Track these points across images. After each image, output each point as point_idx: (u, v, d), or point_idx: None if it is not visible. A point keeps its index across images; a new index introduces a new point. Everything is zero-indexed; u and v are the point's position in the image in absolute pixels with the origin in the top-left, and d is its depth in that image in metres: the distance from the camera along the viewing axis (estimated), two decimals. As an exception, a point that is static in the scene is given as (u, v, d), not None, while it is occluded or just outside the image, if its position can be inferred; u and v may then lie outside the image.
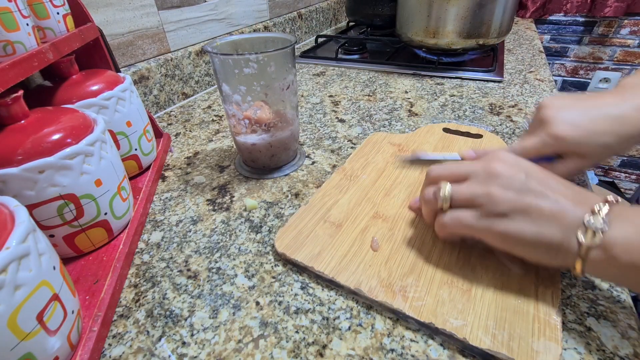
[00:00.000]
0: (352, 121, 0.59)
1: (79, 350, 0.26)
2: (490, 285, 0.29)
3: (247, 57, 0.37)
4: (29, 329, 0.21)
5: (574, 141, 0.32)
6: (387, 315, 0.28)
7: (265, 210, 0.40)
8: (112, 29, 0.56)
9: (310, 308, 0.29)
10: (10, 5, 0.30)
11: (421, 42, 0.76)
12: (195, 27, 0.72)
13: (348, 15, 1.09)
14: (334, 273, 0.30)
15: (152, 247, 0.37)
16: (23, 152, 0.28)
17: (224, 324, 0.29)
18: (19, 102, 0.30)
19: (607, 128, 0.31)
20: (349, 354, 0.26)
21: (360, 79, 0.77)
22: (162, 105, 0.67)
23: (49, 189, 0.29)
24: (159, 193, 0.45)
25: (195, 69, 0.72)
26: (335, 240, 0.34)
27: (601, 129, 0.31)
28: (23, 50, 0.31)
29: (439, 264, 0.31)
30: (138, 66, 0.61)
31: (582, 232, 0.23)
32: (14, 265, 0.20)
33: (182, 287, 0.32)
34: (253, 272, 0.33)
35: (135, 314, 0.30)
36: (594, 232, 0.23)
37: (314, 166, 0.48)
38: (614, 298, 0.29)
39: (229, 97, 0.41)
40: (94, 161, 0.32)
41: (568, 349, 0.25)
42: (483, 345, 0.24)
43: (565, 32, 1.36)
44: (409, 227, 0.35)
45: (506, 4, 0.69)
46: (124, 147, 0.42)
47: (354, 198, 0.39)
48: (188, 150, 0.54)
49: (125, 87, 0.42)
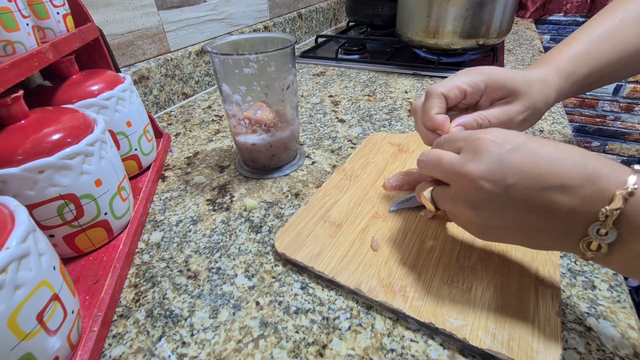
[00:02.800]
0: (352, 121, 0.59)
1: (79, 350, 0.26)
2: (490, 285, 0.29)
3: (247, 57, 0.37)
4: (29, 329, 0.21)
5: (503, 75, 0.32)
6: (387, 315, 0.28)
7: (265, 210, 0.40)
8: (112, 29, 0.56)
9: (310, 308, 0.29)
10: (10, 5, 0.30)
11: (421, 42, 0.76)
12: (195, 27, 0.72)
13: (348, 15, 1.09)
14: (334, 273, 0.30)
15: (152, 247, 0.37)
16: (23, 152, 0.28)
17: (224, 324, 0.29)
18: (19, 102, 0.30)
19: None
20: (349, 354, 0.26)
21: (360, 79, 0.77)
22: (162, 105, 0.67)
23: (49, 189, 0.29)
24: (159, 193, 0.45)
25: (195, 69, 0.72)
26: (335, 240, 0.34)
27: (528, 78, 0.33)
28: (23, 50, 0.31)
29: (439, 264, 0.31)
30: (138, 66, 0.61)
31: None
32: (14, 265, 0.20)
33: (182, 287, 0.32)
34: (253, 272, 0.33)
35: (135, 314, 0.30)
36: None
37: (314, 166, 0.48)
38: (614, 298, 0.29)
39: (229, 97, 0.41)
40: (94, 161, 0.32)
41: (568, 349, 0.25)
42: (483, 345, 0.24)
43: (565, 32, 1.36)
44: (409, 227, 0.35)
45: (506, 4, 0.69)
46: (124, 147, 0.42)
47: (354, 198, 0.39)
48: (188, 150, 0.54)
49: (125, 87, 0.42)
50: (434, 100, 0.32)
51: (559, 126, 0.54)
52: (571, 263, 0.32)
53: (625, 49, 0.34)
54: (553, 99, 0.34)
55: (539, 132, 0.53)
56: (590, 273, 0.31)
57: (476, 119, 0.31)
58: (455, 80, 0.32)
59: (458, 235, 0.34)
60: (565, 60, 0.35)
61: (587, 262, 0.32)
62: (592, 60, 0.34)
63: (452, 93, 0.31)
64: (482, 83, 0.32)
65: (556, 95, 0.34)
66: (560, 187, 0.21)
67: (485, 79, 0.32)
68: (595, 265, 0.31)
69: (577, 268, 0.31)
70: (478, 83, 0.32)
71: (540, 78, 0.33)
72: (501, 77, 0.32)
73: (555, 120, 0.55)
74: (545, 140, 0.24)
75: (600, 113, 1.41)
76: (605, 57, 0.34)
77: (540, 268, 0.30)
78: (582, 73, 0.34)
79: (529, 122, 0.33)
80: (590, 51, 0.35)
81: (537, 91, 0.32)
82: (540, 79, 0.33)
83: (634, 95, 1.32)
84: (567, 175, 0.21)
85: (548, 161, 0.22)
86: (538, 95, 0.32)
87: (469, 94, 0.32)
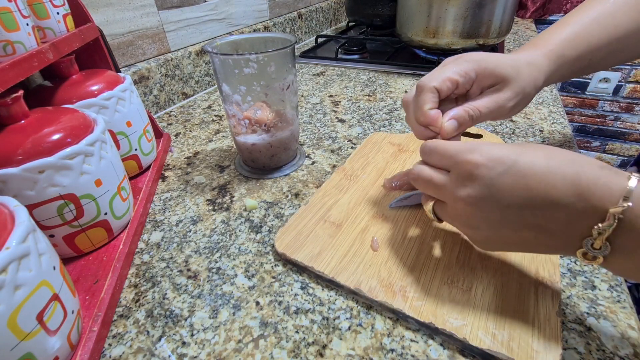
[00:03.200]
0: (352, 121, 0.59)
1: (79, 350, 0.26)
2: (490, 285, 0.29)
3: (247, 57, 0.37)
4: (29, 329, 0.21)
5: (493, 61, 0.31)
6: (387, 315, 0.28)
7: (265, 210, 0.40)
8: (112, 29, 0.56)
9: (310, 308, 0.29)
10: (10, 5, 0.30)
11: (421, 42, 0.76)
12: (195, 27, 0.72)
13: (348, 15, 1.09)
14: (334, 273, 0.30)
15: (152, 247, 0.37)
16: (23, 152, 0.28)
17: (224, 324, 0.29)
18: (19, 102, 0.30)
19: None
20: (349, 354, 0.26)
21: (360, 79, 0.77)
22: (162, 105, 0.67)
23: (49, 189, 0.29)
24: (159, 193, 0.45)
25: (195, 69, 0.72)
26: (335, 240, 0.34)
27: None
28: (23, 50, 0.31)
29: (439, 264, 0.31)
30: (138, 66, 0.61)
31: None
32: (14, 265, 0.20)
33: (182, 287, 0.32)
34: (253, 272, 0.33)
35: (135, 314, 0.30)
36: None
37: (314, 166, 0.48)
38: (614, 298, 0.29)
39: (229, 97, 0.41)
40: (94, 161, 0.32)
41: (568, 349, 0.25)
42: (483, 345, 0.24)
43: (565, 32, 1.36)
44: (409, 227, 0.35)
45: (506, 4, 0.69)
46: (124, 147, 0.42)
47: (354, 198, 0.39)
48: (188, 150, 0.54)
49: (125, 87, 0.42)
50: (426, 95, 0.31)
51: (559, 126, 0.54)
52: (571, 263, 0.32)
53: (615, 32, 0.34)
54: (542, 82, 0.33)
55: (539, 132, 0.53)
56: (590, 273, 0.31)
57: (467, 111, 0.30)
58: (446, 71, 0.31)
59: (458, 235, 0.34)
60: (554, 42, 0.34)
61: (587, 262, 0.32)
62: (582, 43, 0.34)
63: (445, 86, 0.31)
64: (472, 71, 0.31)
65: (545, 78, 0.33)
66: (553, 205, 0.21)
67: (475, 67, 0.31)
68: (595, 265, 0.31)
69: (577, 268, 0.31)
70: (469, 72, 0.31)
71: (529, 61, 0.33)
72: (490, 64, 0.31)
73: (555, 120, 0.55)
74: (538, 150, 0.23)
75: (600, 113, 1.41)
76: (596, 40, 0.34)
77: (540, 268, 0.30)
78: (572, 56, 0.34)
79: (519, 106, 0.33)
80: (581, 34, 0.34)
81: (526, 75, 0.32)
82: (529, 62, 0.33)
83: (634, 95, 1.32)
84: (558, 193, 0.21)
85: (539, 181, 0.22)
86: (527, 80, 0.32)
87: (460, 84, 0.31)
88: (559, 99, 0.62)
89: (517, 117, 0.57)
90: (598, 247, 0.21)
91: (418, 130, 0.32)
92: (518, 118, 0.57)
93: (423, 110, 0.31)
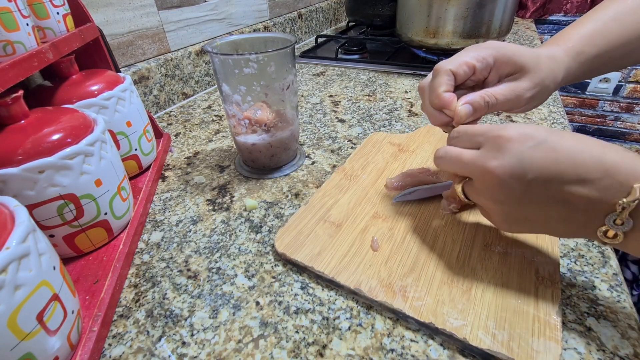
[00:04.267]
0: (352, 121, 0.59)
1: (79, 350, 0.26)
2: (490, 285, 0.29)
3: (247, 57, 0.37)
4: (29, 329, 0.21)
5: (511, 50, 0.31)
6: (387, 315, 0.28)
7: (265, 210, 0.40)
8: (112, 29, 0.56)
9: (310, 308, 0.29)
10: (10, 5, 0.30)
11: (421, 42, 0.76)
12: (195, 27, 0.72)
13: (348, 15, 1.09)
14: (334, 273, 0.30)
15: (152, 247, 0.37)
16: (23, 152, 0.28)
17: (224, 324, 0.29)
18: (19, 102, 0.30)
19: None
20: (349, 354, 0.26)
21: (360, 79, 0.77)
22: (162, 105, 0.67)
23: (49, 189, 0.29)
24: (159, 193, 0.45)
25: (195, 69, 0.72)
26: (335, 240, 0.34)
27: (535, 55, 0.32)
28: (23, 50, 0.31)
29: (439, 264, 0.31)
30: (138, 66, 0.61)
31: None
32: (14, 265, 0.20)
33: (182, 287, 0.32)
34: (253, 272, 0.33)
35: (135, 314, 0.30)
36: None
37: (314, 166, 0.48)
38: (614, 298, 0.29)
39: (229, 97, 0.41)
40: (94, 161, 0.32)
41: (568, 349, 0.25)
42: (483, 345, 0.24)
43: (565, 32, 1.36)
44: (409, 227, 0.35)
45: (506, 4, 0.69)
46: (124, 147, 0.42)
47: (354, 198, 0.39)
48: (188, 150, 0.54)
49: (125, 87, 0.42)
50: (442, 77, 0.31)
51: (559, 126, 0.54)
52: (571, 263, 0.32)
53: (636, 30, 0.34)
54: (561, 78, 0.33)
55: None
56: (590, 273, 0.31)
57: (483, 97, 0.30)
58: (464, 56, 0.31)
59: (458, 235, 0.34)
60: (574, 39, 0.34)
61: (587, 262, 0.32)
62: (602, 40, 0.34)
63: (461, 69, 0.31)
64: (490, 57, 0.31)
65: (564, 74, 0.33)
66: (580, 180, 0.22)
67: (493, 53, 0.31)
68: (595, 265, 0.31)
69: (577, 268, 0.31)
70: (487, 57, 0.31)
71: (549, 55, 0.32)
72: (509, 51, 0.31)
73: (556, 120, 0.55)
74: (566, 133, 0.24)
75: (600, 113, 1.41)
76: (616, 37, 0.34)
77: (540, 268, 0.30)
78: (592, 53, 0.34)
79: (537, 99, 0.33)
80: (601, 31, 0.34)
81: (546, 67, 0.32)
82: (549, 55, 0.32)
83: (634, 95, 1.32)
84: (586, 169, 0.22)
85: (567, 156, 0.23)
86: (546, 72, 0.32)
87: (478, 70, 0.31)
88: (559, 99, 0.62)
89: (517, 117, 0.57)
90: (620, 222, 0.22)
91: (433, 115, 0.32)
92: (518, 118, 0.57)
93: (437, 92, 0.31)
